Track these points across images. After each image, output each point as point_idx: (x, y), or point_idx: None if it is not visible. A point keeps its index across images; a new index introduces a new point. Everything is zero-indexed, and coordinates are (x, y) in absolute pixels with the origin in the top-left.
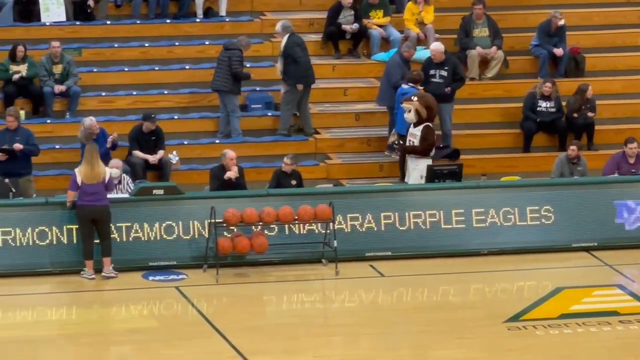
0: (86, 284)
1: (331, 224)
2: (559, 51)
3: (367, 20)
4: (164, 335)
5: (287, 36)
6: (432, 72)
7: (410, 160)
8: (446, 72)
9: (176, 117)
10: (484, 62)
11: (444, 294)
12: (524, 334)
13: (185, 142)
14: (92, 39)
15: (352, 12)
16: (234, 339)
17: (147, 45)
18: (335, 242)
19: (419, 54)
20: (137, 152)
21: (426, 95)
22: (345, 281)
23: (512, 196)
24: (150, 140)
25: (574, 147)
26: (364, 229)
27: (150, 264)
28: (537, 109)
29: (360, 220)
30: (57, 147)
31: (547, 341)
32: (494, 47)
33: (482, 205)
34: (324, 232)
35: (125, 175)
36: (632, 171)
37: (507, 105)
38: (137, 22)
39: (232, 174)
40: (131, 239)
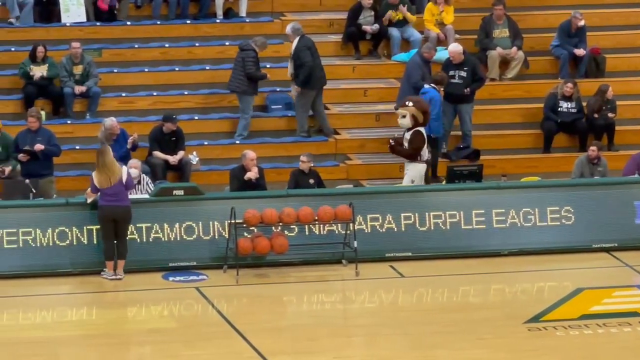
0: (106, 285)
1: (351, 224)
2: (579, 51)
3: (390, 13)
4: (184, 335)
5: (297, 39)
6: (451, 72)
7: (405, 163)
8: (465, 73)
9: (196, 118)
10: (504, 63)
11: (464, 295)
12: (544, 334)
13: (205, 143)
14: (113, 39)
15: (372, 13)
16: (254, 340)
17: (167, 45)
18: (355, 242)
19: (440, 54)
20: (157, 153)
21: (420, 99)
22: (365, 282)
23: (533, 197)
24: (170, 140)
25: (595, 148)
26: (384, 230)
27: (170, 265)
28: (558, 110)
29: (380, 220)
30: (77, 147)
31: (568, 342)
32: (514, 48)
33: (502, 205)
34: (344, 232)
35: (144, 175)
36: None
37: (527, 105)
38: (158, 22)
39: (252, 174)
40: (151, 240)
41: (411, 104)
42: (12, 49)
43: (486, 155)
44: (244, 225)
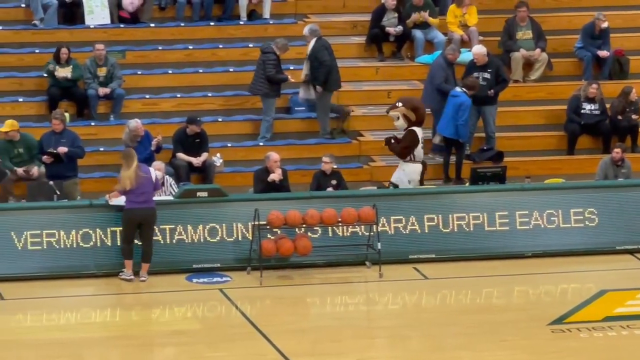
0: (130, 287)
1: (375, 226)
2: (603, 53)
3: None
4: (208, 337)
5: (314, 40)
6: (475, 74)
7: (400, 162)
8: (489, 75)
9: (220, 120)
10: (528, 65)
11: (488, 296)
12: (568, 336)
13: (228, 145)
14: (136, 41)
15: (396, 15)
16: (277, 341)
17: (191, 47)
18: (379, 244)
19: (463, 56)
20: (181, 155)
21: (411, 98)
22: (388, 283)
23: (556, 198)
24: (194, 142)
25: (619, 150)
26: (407, 232)
27: (194, 266)
28: (582, 112)
29: (403, 222)
30: (102, 149)
31: (591, 344)
32: (538, 50)
33: (526, 207)
34: (368, 234)
35: (168, 177)
36: None
37: (551, 107)
38: (181, 24)
39: (276, 176)
40: (175, 242)
41: (400, 104)
42: (37, 51)
43: (510, 156)
44: (268, 227)
